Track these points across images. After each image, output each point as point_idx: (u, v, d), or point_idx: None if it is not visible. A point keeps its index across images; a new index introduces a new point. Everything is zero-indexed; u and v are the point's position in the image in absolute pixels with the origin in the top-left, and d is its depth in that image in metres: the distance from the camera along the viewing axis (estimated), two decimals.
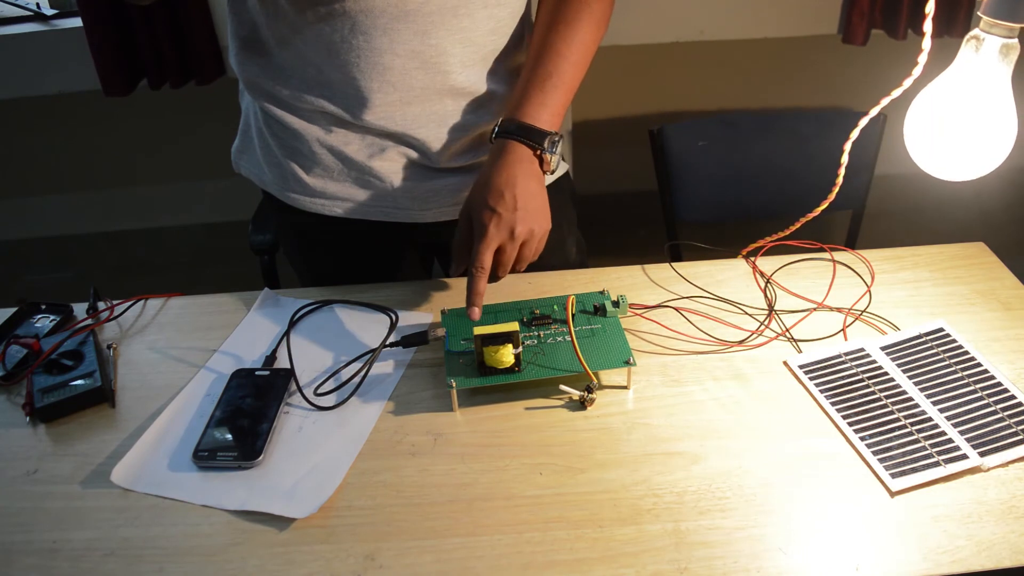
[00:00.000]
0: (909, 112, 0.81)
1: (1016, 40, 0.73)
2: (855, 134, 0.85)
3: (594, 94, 0.85)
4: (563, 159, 1.06)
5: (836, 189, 0.90)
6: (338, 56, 0.84)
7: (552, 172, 0.85)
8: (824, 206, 0.91)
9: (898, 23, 1.59)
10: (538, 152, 0.83)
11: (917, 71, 0.78)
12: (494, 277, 0.81)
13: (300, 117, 0.91)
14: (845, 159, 0.87)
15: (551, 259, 1.12)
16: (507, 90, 0.93)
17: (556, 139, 0.84)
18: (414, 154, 0.93)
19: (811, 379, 0.80)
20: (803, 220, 0.93)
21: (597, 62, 0.90)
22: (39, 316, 0.91)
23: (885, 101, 0.81)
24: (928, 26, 0.75)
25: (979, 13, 0.73)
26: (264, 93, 0.91)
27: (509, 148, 0.83)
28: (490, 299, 0.91)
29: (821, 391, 0.78)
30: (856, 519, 0.66)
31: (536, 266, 1.11)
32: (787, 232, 0.95)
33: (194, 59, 1.56)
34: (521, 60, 0.94)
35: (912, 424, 0.74)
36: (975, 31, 0.74)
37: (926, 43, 0.76)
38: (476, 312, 0.79)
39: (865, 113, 0.84)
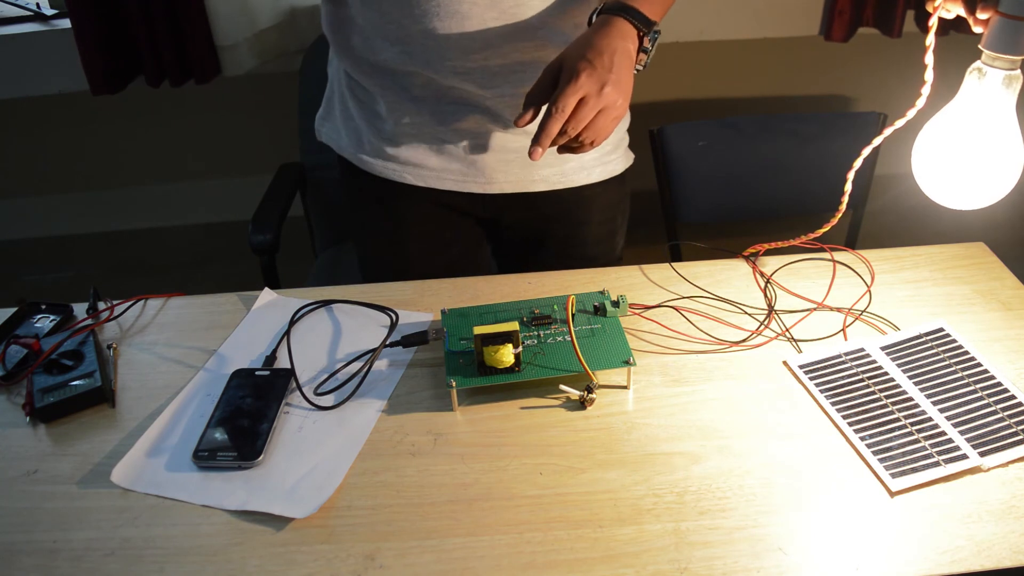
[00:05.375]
0: (916, 143, 0.82)
1: (1018, 71, 0.73)
2: (867, 151, 0.85)
3: None
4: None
5: (844, 204, 0.90)
6: (418, 6, 0.85)
7: (642, 69, 0.81)
8: (834, 222, 0.91)
9: (893, 21, 1.58)
10: (640, 34, 0.79)
11: (921, 102, 0.79)
12: (554, 142, 0.76)
13: (380, 80, 0.93)
14: (851, 175, 0.88)
15: (597, 248, 1.10)
16: None
17: (656, 33, 0.80)
18: (489, 119, 0.93)
19: (811, 379, 0.80)
20: (812, 235, 0.94)
21: None
22: (39, 316, 0.91)
23: (899, 123, 0.81)
24: (930, 58, 0.76)
25: (980, 47, 0.74)
26: (348, 55, 0.93)
27: (613, 22, 0.78)
28: (490, 299, 0.91)
29: (821, 391, 0.78)
30: (856, 519, 0.66)
31: (580, 256, 1.08)
32: (796, 242, 0.95)
33: (192, 57, 1.55)
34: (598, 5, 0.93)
35: (912, 424, 0.74)
36: (977, 63, 0.75)
37: (928, 75, 0.77)
38: (539, 152, 0.74)
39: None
